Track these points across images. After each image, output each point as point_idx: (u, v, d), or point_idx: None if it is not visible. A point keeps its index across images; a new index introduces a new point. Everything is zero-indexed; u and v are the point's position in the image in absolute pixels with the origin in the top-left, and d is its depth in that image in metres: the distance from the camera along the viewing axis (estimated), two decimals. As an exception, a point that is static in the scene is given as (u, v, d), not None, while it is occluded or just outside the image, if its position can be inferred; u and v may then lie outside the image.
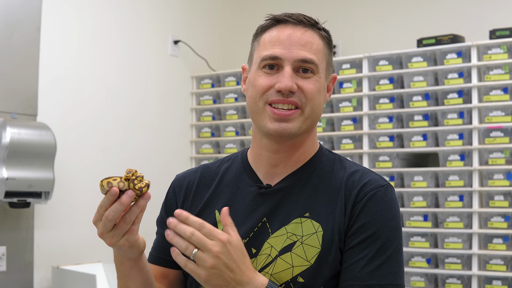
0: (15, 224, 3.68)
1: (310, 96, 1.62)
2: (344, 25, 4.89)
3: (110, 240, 1.48)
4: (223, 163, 1.80)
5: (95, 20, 4.22)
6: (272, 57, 1.62)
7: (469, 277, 3.78)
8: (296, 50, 1.62)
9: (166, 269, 1.75)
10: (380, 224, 1.57)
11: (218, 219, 1.68)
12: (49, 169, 3.58)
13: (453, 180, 3.88)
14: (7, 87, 3.67)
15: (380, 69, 4.17)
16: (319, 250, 1.57)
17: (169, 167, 4.59)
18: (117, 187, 1.43)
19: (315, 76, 1.64)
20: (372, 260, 1.55)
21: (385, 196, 1.61)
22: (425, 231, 3.92)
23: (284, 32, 1.64)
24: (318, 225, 1.59)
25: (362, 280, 1.54)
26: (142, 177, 1.46)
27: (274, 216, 1.63)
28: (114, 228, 1.47)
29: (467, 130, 3.87)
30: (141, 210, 1.48)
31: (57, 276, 3.77)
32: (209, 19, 5.10)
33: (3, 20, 3.66)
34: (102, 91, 4.25)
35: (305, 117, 1.63)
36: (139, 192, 1.45)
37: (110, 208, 1.44)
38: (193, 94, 4.93)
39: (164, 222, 1.75)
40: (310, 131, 1.69)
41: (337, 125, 4.31)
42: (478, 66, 3.85)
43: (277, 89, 1.61)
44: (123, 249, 1.51)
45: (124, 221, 1.46)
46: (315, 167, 1.69)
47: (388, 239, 1.57)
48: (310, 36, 1.65)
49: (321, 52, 1.66)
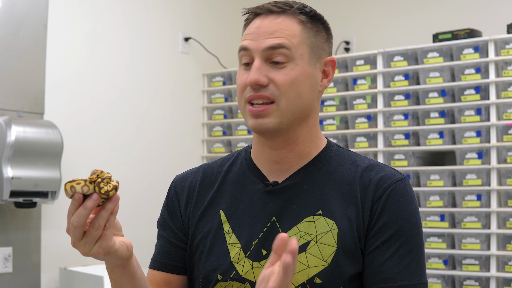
0: (22, 224, 3.65)
1: (284, 88, 1.54)
2: (358, 20, 4.86)
3: (83, 248, 1.39)
4: (226, 161, 1.74)
5: (103, 16, 4.18)
6: (242, 47, 1.59)
7: (487, 279, 3.73)
8: (263, 39, 1.56)
9: (170, 275, 1.68)
10: (403, 220, 1.54)
11: (224, 219, 1.62)
12: (56, 168, 3.55)
13: (471, 178, 3.83)
14: (13, 85, 3.64)
15: (395, 65, 4.12)
16: (335, 248, 1.52)
17: (180, 166, 4.51)
18: (80, 192, 1.34)
19: (290, 64, 1.55)
20: (401, 259, 1.52)
21: (404, 191, 1.57)
22: (442, 232, 3.88)
23: (254, 23, 1.61)
24: (333, 222, 1.54)
25: (394, 282, 1.50)
26: (109, 178, 1.37)
27: (284, 215, 1.57)
28: (84, 235, 1.38)
29: (485, 127, 3.82)
30: (111, 213, 1.39)
31: (64, 277, 3.75)
32: (220, 16, 5.05)
33: (9, 17, 3.62)
34: (111, 89, 4.21)
35: (282, 111, 1.55)
36: (105, 196, 1.36)
37: (74, 213, 1.36)
38: (204, 92, 4.88)
39: (166, 225, 1.70)
40: (303, 124, 1.61)
41: (351, 123, 4.26)
42: (495, 61, 3.81)
43: (248, 85, 1.55)
44: (99, 257, 1.42)
45: (92, 227, 1.37)
46: (324, 162, 1.63)
47: (413, 236, 1.54)
48: (280, 23, 1.57)
49: (297, 36, 1.57)
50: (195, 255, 1.63)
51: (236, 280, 1.55)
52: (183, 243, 1.66)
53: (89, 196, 1.35)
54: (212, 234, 1.61)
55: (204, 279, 1.60)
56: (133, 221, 4.01)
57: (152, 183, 4.32)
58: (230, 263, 1.56)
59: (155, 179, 4.34)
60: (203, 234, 1.62)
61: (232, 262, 1.56)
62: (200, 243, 1.62)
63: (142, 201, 4.19)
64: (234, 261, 1.56)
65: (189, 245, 1.65)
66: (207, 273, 1.59)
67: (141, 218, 4.07)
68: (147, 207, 4.14)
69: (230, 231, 1.59)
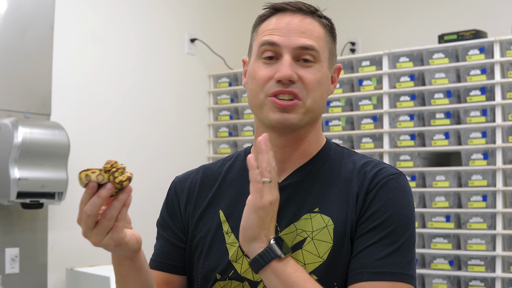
0: (29, 225, 3.66)
1: (311, 87, 1.56)
2: (363, 21, 4.86)
3: (94, 239, 1.40)
4: (225, 162, 1.75)
5: (109, 18, 4.19)
6: (270, 42, 1.57)
7: (493, 280, 3.72)
8: (295, 37, 1.56)
9: (170, 275, 1.68)
10: (392, 211, 1.52)
11: (223, 219, 1.62)
12: (63, 169, 3.56)
13: (476, 179, 3.82)
14: (20, 86, 3.65)
15: (401, 66, 4.12)
16: (331, 244, 1.51)
17: (186, 167, 4.46)
18: (95, 181, 1.35)
19: (317, 65, 1.58)
20: (384, 247, 1.49)
21: (397, 184, 1.56)
22: (447, 232, 3.87)
23: (283, 20, 1.59)
24: (329, 218, 1.54)
25: (372, 267, 1.47)
26: (123, 168, 1.37)
27: (282, 213, 1.57)
28: (96, 225, 1.39)
29: (491, 128, 3.81)
30: (123, 205, 1.39)
31: (71, 278, 3.75)
32: (226, 17, 5.05)
33: (16, 18, 3.63)
34: (117, 90, 4.22)
35: (307, 109, 1.57)
36: (119, 185, 1.36)
37: (88, 202, 1.37)
38: (210, 93, 4.89)
39: (166, 225, 1.70)
40: (313, 124, 1.63)
41: (357, 124, 4.26)
42: (501, 62, 3.80)
43: (277, 79, 1.55)
44: (110, 248, 1.43)
45: (105, 217, 1.38)
46: (323, 161, 1.63)
47: (401, 227, 1.51)
48: (309, 23, 1.59)
49: (322, 39, 1.60)
50: (194, 255, 1.64)
51: (235, 279, 1.55)
52: (183, 243, 1.66)
53: (103, 185, 1.35)
54: (211, 234, 1.61)
55: (203, 278, 1.60)
56: (141, 221, 4.00)
57: (158, 184, 4.31)
58: (229, 262, 1.56)
59: (161, 180, 4.31)
60: (203, 234, 1.62)
61: (231, 261, 1.56)
62: (200, 243, 1.62)
63: (149, 201, 4.18)
64: (233, 260, 1.56)
65: (188, 245, 1.65)
66: (206, 272, 1.59)
67: (148, 219, 4.06)
68: (154, 208, 4.11)
69: (229, 230, 1.59)
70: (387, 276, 1.47)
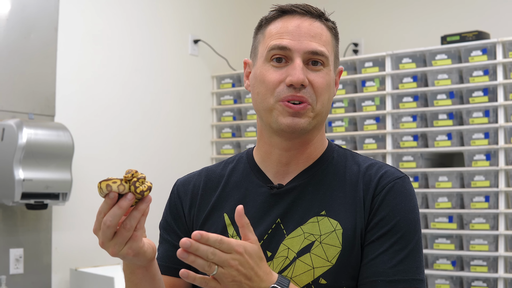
0: (33, 226, 3.67)
1: (320, 91, 1.56)
2: (366, 22, 4.85)
3: (112, 249, 1.37)
4: (228, 164, 1.74)
5: (113, 19, 4.20)
6: (280, 46, 1.55)
7: (495, 280, 3.72)
8: (306, 42, 1.56)
9: (175, 279, 1.66)
10: (400, 216, 1.53)
11: (228, 222, 1.62)
12: (67, 170, 3.56)
13: (479, 180, 3.83)
14: (24, 87, 3.65)
15: (404, 67, 4.12)
16: (340, 249, 1.52)
17: (190, 168, 4.49)
18: (116, 191, 1.31)
19: (325, 69, 1.58)
20: (394, 254, 1.51)
21: (403, 188, 1.57)
22: (450, 233, 3.87)
23: (292, 22, 1.58)
24: (336, 223, 1.54)
25: (386, 276, 1.49)
26: (144, 178, 1.35)
27: (288, 216, 1.57)
28: (115, 236, 1.36)
29: (493, 129, 3.81)
30: (142, 214, 1.38)
31: (75, 278, 3.76)
32: (229, 18, 5.06)
33: (20, 20, 3.64)
34: (121, 91, 4.22)
35: (316, 113, 1.57)
36: (140, 196, 1.33)
37: (108, 213, 1.33)
38: (213, 94, 4.89)
39: (170, 228, 1.70)
40: (319, 128, 1.63)
41: (360, 125, 4.26)
42: (503, 63, 3.80)
43: (288, 83, 1.54)
44: (127, 258, 1.40)
45: (124, 227, 1.35)
46: (327, 163, 1.64)
47: (409, 232, 1.53)
48: (318, 27, 1.59)
49: (330, 44, 1.60)
50: None
51: None
52: None
53: (124, 195, 1.32)
54: None
55: None
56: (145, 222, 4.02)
57: (162, 185, 4.30)
58: None
59: (165, 180, 4.31)
60: None
61: None
62: None
63: (152, 202, 4.18)
64: None
65: None
66: None
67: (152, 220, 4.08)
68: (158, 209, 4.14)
69: (234, 234, 1.59)
70: (400, 284, 1.49)
